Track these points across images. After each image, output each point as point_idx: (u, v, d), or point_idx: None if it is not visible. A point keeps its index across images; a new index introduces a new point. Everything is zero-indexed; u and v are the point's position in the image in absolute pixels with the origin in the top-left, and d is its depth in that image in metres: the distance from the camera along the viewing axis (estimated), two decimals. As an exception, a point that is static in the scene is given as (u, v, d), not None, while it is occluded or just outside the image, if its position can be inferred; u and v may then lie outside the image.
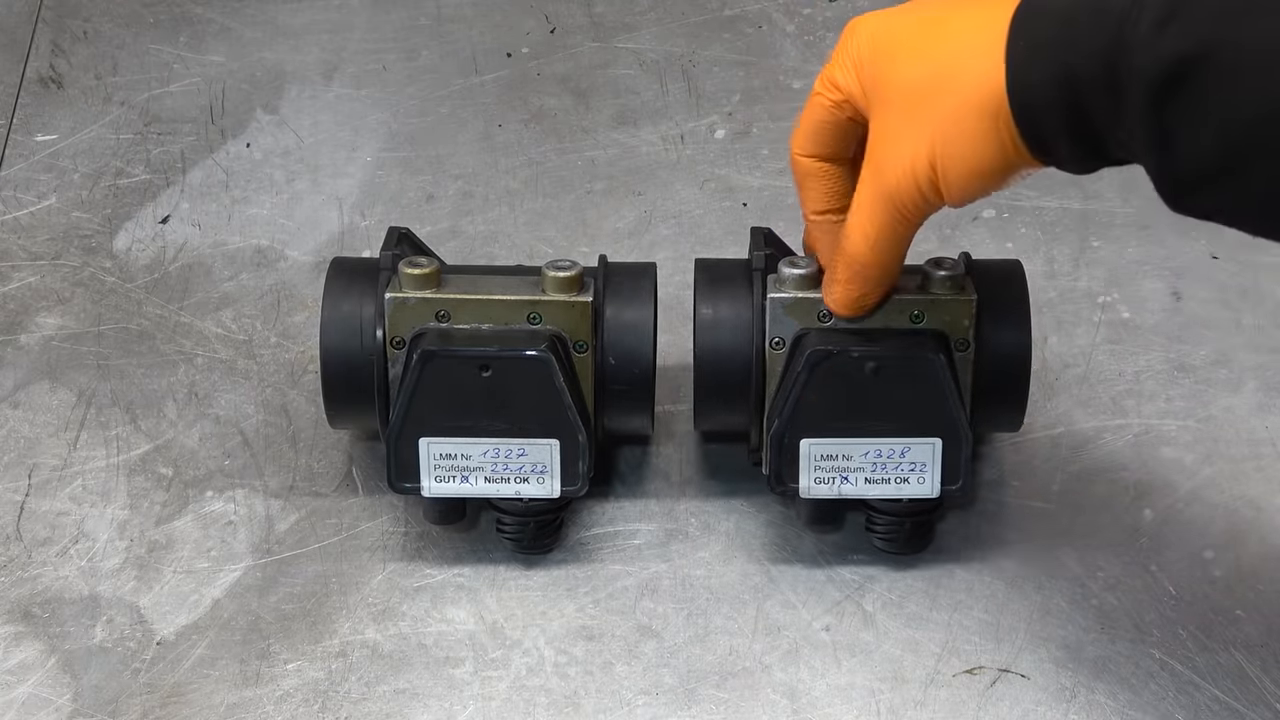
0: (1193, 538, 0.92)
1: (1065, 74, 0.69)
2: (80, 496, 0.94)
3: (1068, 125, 0.70)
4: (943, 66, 0.74)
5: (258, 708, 0.85)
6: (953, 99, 0.73)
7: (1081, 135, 0.70)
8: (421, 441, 0.87)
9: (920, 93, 0.75)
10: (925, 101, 0.74)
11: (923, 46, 0.75)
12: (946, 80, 0.74)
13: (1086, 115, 0.69)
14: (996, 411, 0.90)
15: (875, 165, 0.78)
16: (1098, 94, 0.68)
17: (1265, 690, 0.86)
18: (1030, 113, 0.71)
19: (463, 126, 1.15)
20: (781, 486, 0.88)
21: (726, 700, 0.86)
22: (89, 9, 1.23)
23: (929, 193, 0.76)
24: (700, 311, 0.89)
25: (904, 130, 0.76)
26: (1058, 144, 0.71)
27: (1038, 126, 0.71)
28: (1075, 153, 0.71)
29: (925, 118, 0.74)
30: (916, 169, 0.75)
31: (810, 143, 0.83)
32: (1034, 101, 0.71)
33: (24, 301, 1.04)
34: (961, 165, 0.74)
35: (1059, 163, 0.73)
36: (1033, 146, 0.72)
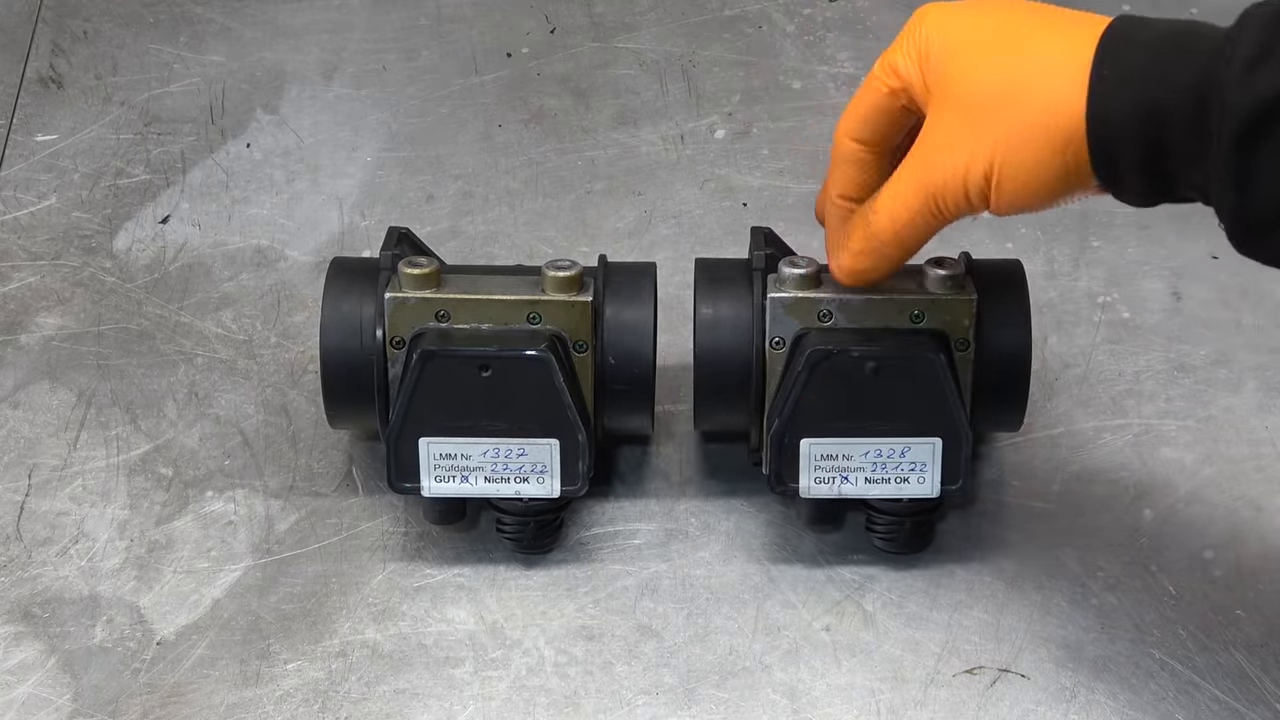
0: (1193, 538, 0.92)
1: (1151, 107, 0.69)
2: (80, 496, 0.94)
3: (1143, 158, 0.70)
4: (1019, 79, 0.73)
5: (258, 708, 0.85)
6: (1025, 114, 0.73)
7: (1155, 170, 0.70)
8: (421, 441, 0.87)
9: (990, 100, 0.74)
10: (994, 110, 0.74)
11: (1000, 54, 0.74)
12: (1021, 94, 0.73)
13: (1165, 150, 0.69)
14: (996, 411, 0.90)
15: (924, 158, 0.77)
16: (1181, 129, 0.68)
17: (1265, 690, 0.86)
18: (1107, 142, 0.71)
19: (463, 126, 1.15)
20: (781, 486, 0.88)
21: (726, 700, 0.86)
22: (89, 9, 1.23)
23: (975, 199, 0.76)
24: (700, 311, 0.89)
25: (964, 132, 0.75)
26: (1128, 176, 0.71)
27: (1113, 156, 0.71)
28: (1143, 187, 0.72)
29: (990, 126, 0.74)
30: (970, 174, 0.75)
31: (859, 126, 0.81)
32: (1113, 132, 0.70)
33: (24, 301, 1.04)
34: (1020, 181, 0.74)
35: (1121, 193, 0.73)
36: (1101, 175, 0.72)
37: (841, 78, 1.17)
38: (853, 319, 0.86)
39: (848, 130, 0.82)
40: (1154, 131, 0.69)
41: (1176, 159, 0.70)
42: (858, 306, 0.86)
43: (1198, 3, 1.21)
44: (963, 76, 0.75)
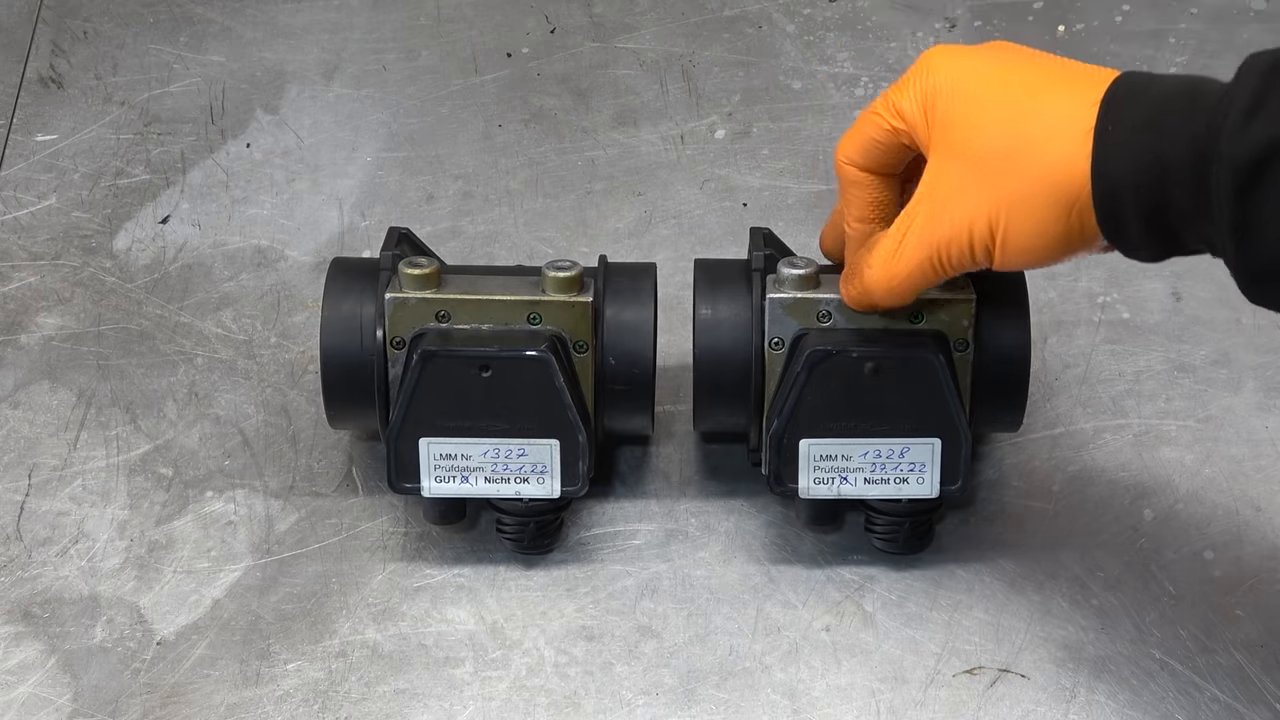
0: (1193, 538, 0.92)
1: (1152, 163, 0.69)
2: (80, 496, 0.94)
3: (1148, 213, 0.70)
4: (1026, 138, 0.73)
5: (258, 708, 0.85)
6: (1030, 173, 0.73)
7: (1160, 225, 0.71)
8: (421, 441, 0.87)
9: (997, 157, 0.74)
10: (1000, 167, 0.74)
11: (1007, 111, 0.74)
12: (1027, 152, 0.73)
13: (1168, 204, 0.70)
14: (996, 411, 0.90)
15: (929, 212, 0.77)
16: (1183, 183, 0.69)
17: (1265, 690, 0.86)
18: (1111, 200, 0.71)
19: (463, 126, 1.15)
20: (781, 487, 0.88)
21: (726, 700, 0.86)
22: (89, 9, 1.22)
23: (979, 255, 0.76)
24: (700, 312, 0.89)
25: (968, 187, 0.75)
26: (1134, 233, 0.71)
27: (1117, 214, 0.71)
28: (1148, 241, 0.72)
29: (996, 183, 0.74)
30: (974, 230, 0.75)
31: (858, 156, 0.82)
32: (1116, 189, 0.71)
33: (24, 301, 1.04)
34: (1025, 240, 0.74)
35: (1128, 250, 0.73)
36: (1107, 231, 0.72)
37: (841, 78, 1.17)
38: (852, 319, 0.86)
39: (849, 158, 0.83)
40: (1157, 187, 0.70)
41: (1179, 214, 0.70)
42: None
43: (1197, 2, 1.21)
44: (968, 129, 0.75)
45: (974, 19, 1.21)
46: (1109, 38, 1.19)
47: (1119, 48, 1.19)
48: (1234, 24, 1.20)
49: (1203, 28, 1.19)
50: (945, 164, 0.76)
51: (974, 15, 1.21)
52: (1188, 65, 1.17)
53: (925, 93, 0.78)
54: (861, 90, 1.16)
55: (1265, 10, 1.21)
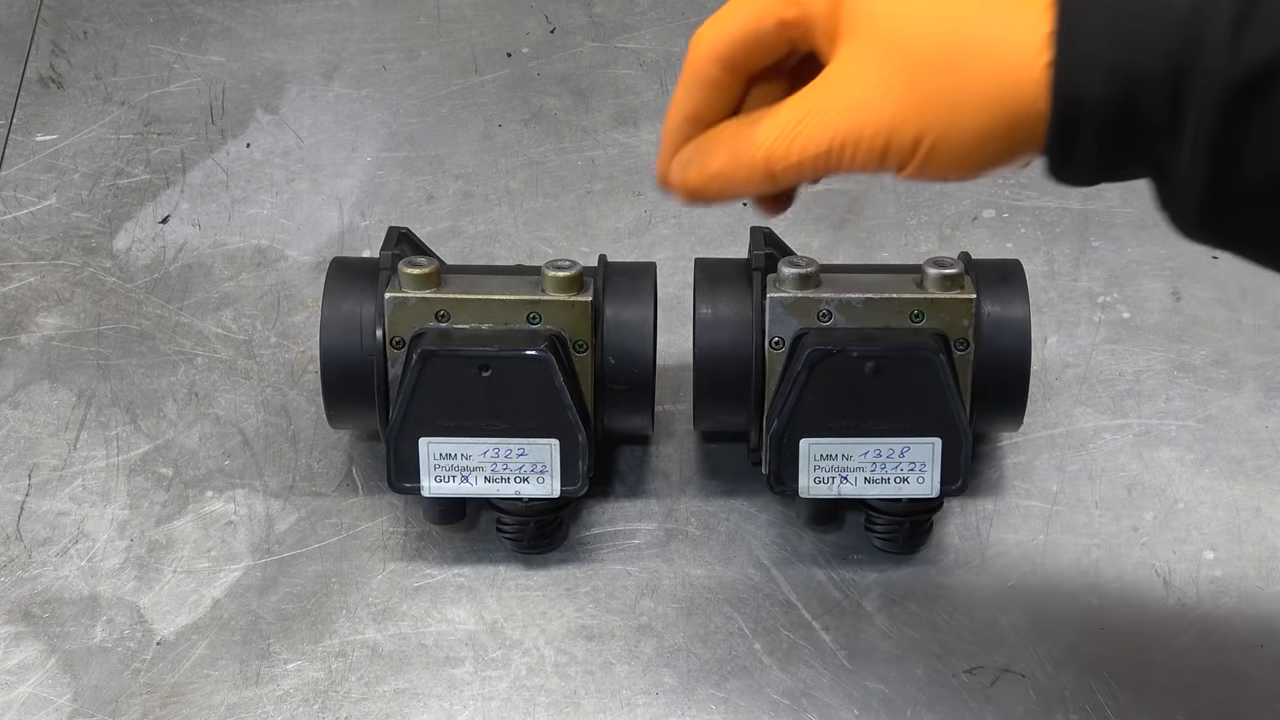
0: (1193, 538, 0.92)
1: (1121, 75, 0.62)
2: (80, 496, 0.94)
3: (1107, 130, 0.64)
4: (969, 38, 0.65)
5: (258, 708, 0.85)
6: (973, 79, 0.65)
7: (1115, 143, 0.64)
8: (421, 441, 0.87)
9: (932, 57, 0.65)
10: (936, 69, 0.65)
11: (948, 8, 0.66)
12: (971, 56, 0.65)
13: (1133, 121, 0.63)
14: (996, 411, 0.90)
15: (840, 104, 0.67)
16: (1155, 99, 0.62)
17: (1265, 690, 0.86)
18: (1072, 114, 0.64)
19: (463, 126, 1.15)
20: (781, 486, 0.88)
21: (726, 700, 0.86)
22: (89, 9, 1.23)
23: (890, 159, 0.67)
24: (700, 311, 0.89)
25: (892, 85, 0.66)
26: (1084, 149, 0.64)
27: (1073, 129, 0.64)
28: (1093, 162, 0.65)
29: (929, 85, 0.65)
30: (895, 134, 0.66)
31: (731, 50, 0.70)
32: (1080, 102, 0.63)
33: (24, 301, 1.04)
34: (956, 151, 0.66)
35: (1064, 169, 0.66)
36: (1054, 147, 0.65)
37: (841, 78, 1.17)
38: (852, 319, 0.86)
39: (716, 53, 0.71)
40: (1124, 102, 0.63)
41: (1141, 131, 0.63)
42: (857, 306, 0.86)
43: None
44: (897, 21, 0.66)
45: (974, 19, 1.20)
46: (1109, 38, 1.19)
47: (1119, 48, 1.18)
48: (1234, 24, 1.20)
49: (1203, 28, 1.19)
50: (863, 53, 0.66)
51: (974, 15, 1.21)
52: (1188, 65, 1.17)
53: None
54: (861, 90, 1.16)
55: (1265, 10, 1.21)
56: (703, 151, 0.71)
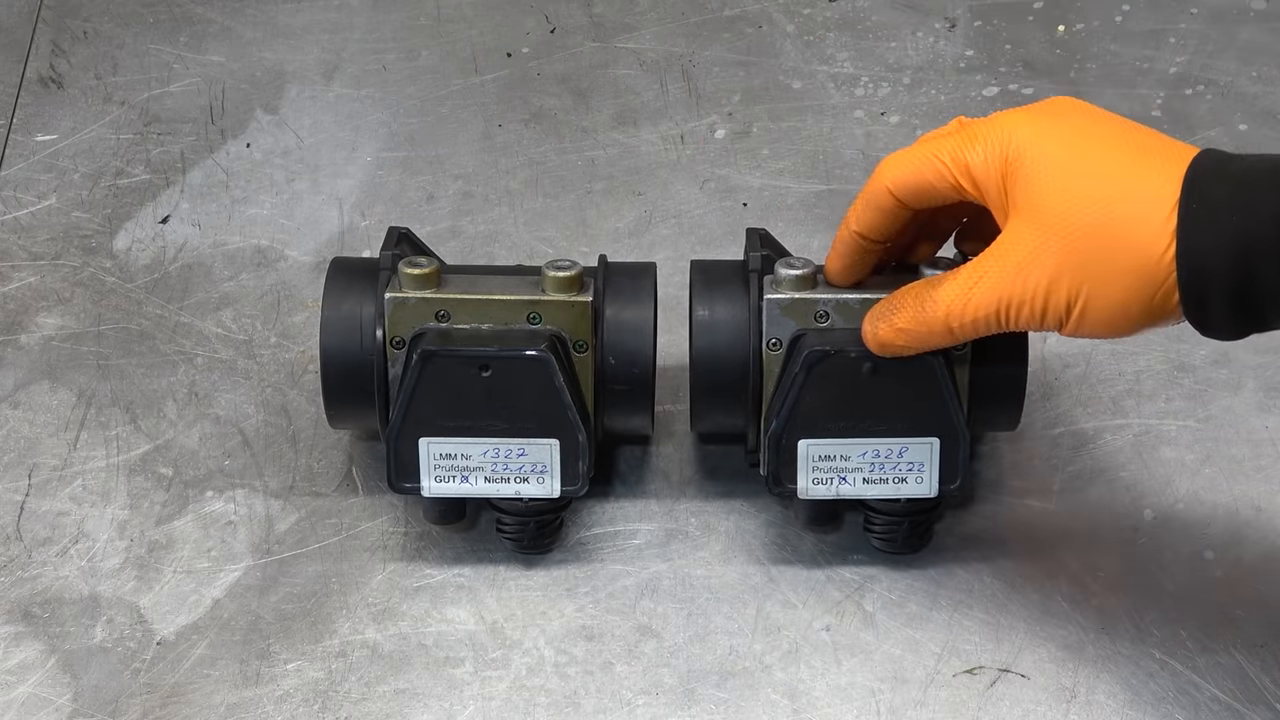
0: (1193, 538, 0.92)
1: (1239, 240, 0.70)
2: (80, 496, 0.94)
3: (1232, 292, 0.71)
4: (1114, 214, 0.74)
5: (258, 708, 0.85)
6: (1117, 252, 0.74)
7: (1244, 303, 0.72)
8: (421, 441, 0.87)
9: (1083, 231, 0.75)
10: (1086, 243, 0.75)
11: (1095, 185, 0.75)
12: (1115, 230, 0.74)
13: (1254, 282, 0.71)
14: (994, 411, 0.90)
15: (1005, 270, 0.77)
16: (1271, 260, 0.69)
17: (1265, 690, 0.86)
18: (1197, 280, 0.72)
19: (463, 126, 1.15)
20: (779, 487, 0.88)
21: (726, 700, 0.86)
22: (89, 9, 1.23)
23: (1050, 320, 0.77)
24: (696, 313, 0.89)
25: (1049, 254, 0.76)
26: (1217, 311, 0.73)
27: (1202, 293, 0.72)
28: (1231, 319, 0.73)
29: (1081, 257, 0.75)
30: (1052, 298, 0.76)
31: (904, 191, 0.82)
32: (1203, 269, 0.72)
33: (24, 301, 1.04)
34: (1103, 314, 0.75)
35: (1208, 328, 0.74)
36: (1189, 310, 0.73)
37: (841, 78, 1.17)
38: (850, 320, 0.86)
39: (895, 188, 0.82)
40: (1242, 265, 0.71)
41: (1266, 291, 0.71)
42: (855, 307, 0.86)
43: (1198, 2, 1.21)
44: (1051, 200, 0.76)
45: (974, 19, 1.21)
46: (1109, 38, 1.19)
47: (1119, 48, 1.19)
48: (1234, 24, 1.20)
49: (1202, 28, 1.20)
50: (1026, 228, 0.76)
51: (974, 15, 1.21)
52: (1188, 65, 1.17)
53: (1002, 158, 0.78)
54: (861, 90, 1.16)
55: (1265, 10, 1.21)
56: (891, 309, 0.83)
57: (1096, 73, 1.17)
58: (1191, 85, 1.16)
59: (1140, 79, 1.17)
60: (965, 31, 1.20)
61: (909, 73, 1.17)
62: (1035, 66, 1.18)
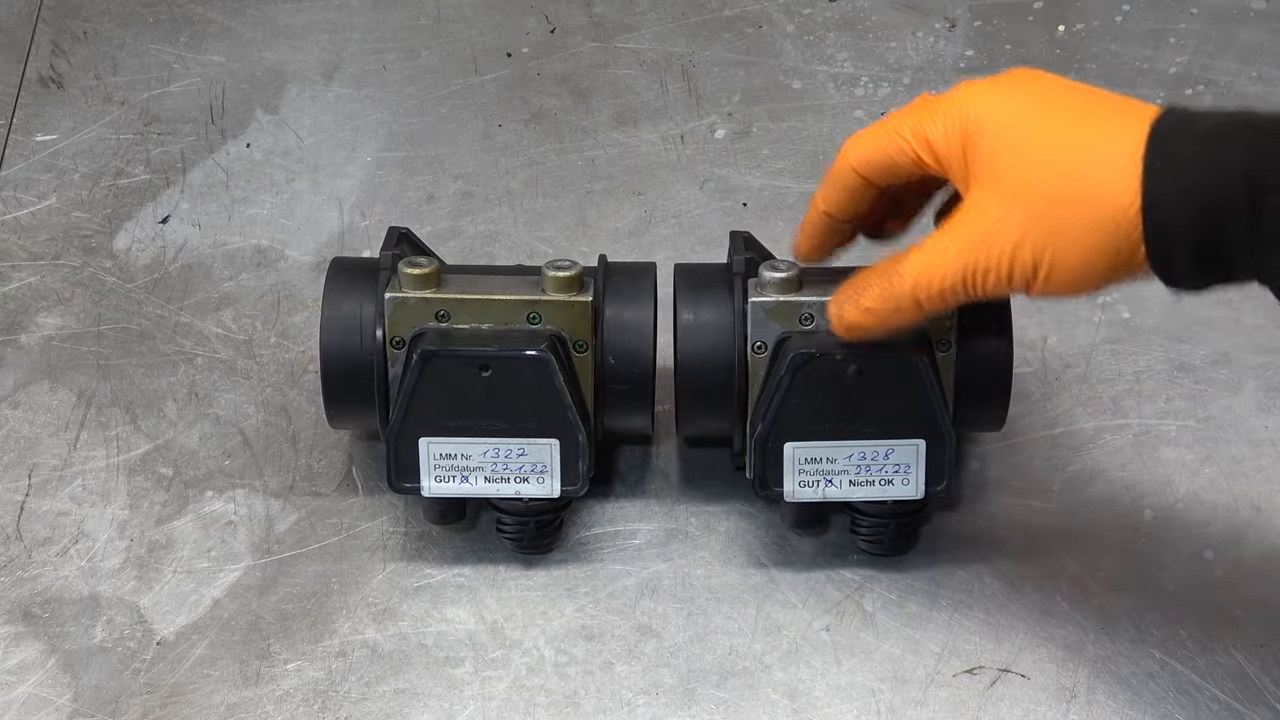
0: (1193, 538, 0.92)
1: (1206, 195, 0.70)
2: (80, 496, 0.94)
3: (1199, 245, 0.71)
4: (1072, 174, 0.74)
5: (258, 708, 0.85)
6: (1080, 210, 0.74)
7: (1210, 256, 0.71)
8: (421, 441, 0.87)
9: (1044, 194, 0.75)
10: (1048, 204, 0.74)
11: (1053, 147, 0.75)
12: (1075, 189, 0.74)
13: (1221, 236, 0.70)
14: (979, 411, 0.90)
15: (969, 238, 0.77)
16: (1238, 214, 0.69)
17: (1265, 690, 0.86)
18: (1163, 233, 0.72)
19: (463, 126, 1.15)
20: (766, 490, 0.87)
21: (726, 700, 0.86)
22: (89, 9, 1.23)
23: (1018, 283, 0.77)
24: (681, 317, 0.89)
25: (1014, 221, 0.75)
26: (1181, 263, 0.72)
27: (1168, 246, 0.72)
28: (1197, 272, 0.72)
29: (1044, 218, 0.75)
30: (1017, 261, 0.76)
31: (868, 169, 0.82)
32: (1168, 222, 0.71)
33: (24, 301, 1.04)
34: (1071, 271, 0.75)
35: (1173, 281, 0.74)
36: (1156, 264, 0.73)
37: (841, 78, 1.17)
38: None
39: (859, 165, 0.82)
40: (1209, 220, 0.70)
41: (1233, 245, 0.70)
42: None
43: (1197, 2, 1.21)
44: (1014, 167, 0.76)
45: (974, 19, 1.21)
46: (1109, 38, 1.19)
47: (1119, 48, 1.19)
48: (1234, 24, 1.20)
49: (1202, 28, 1.19)
50: (987, 197, 0.76)
51: (974, 15, 1.21)
52: (1188, 65, 1.17)
53: (962, 129, 0.78)
54: (861, 90, 1.16)
55: (1265, 10, 1.21)
56: (856, 290, 0.82)
57: (1096, 73, 1.17)
58: (1191, 85, 1.16)
59: (1140, 79, 1.17)
60: (965, 31, 1.20)
61: (909, 73, 1.17)
62: (1035, 66, 1.18)
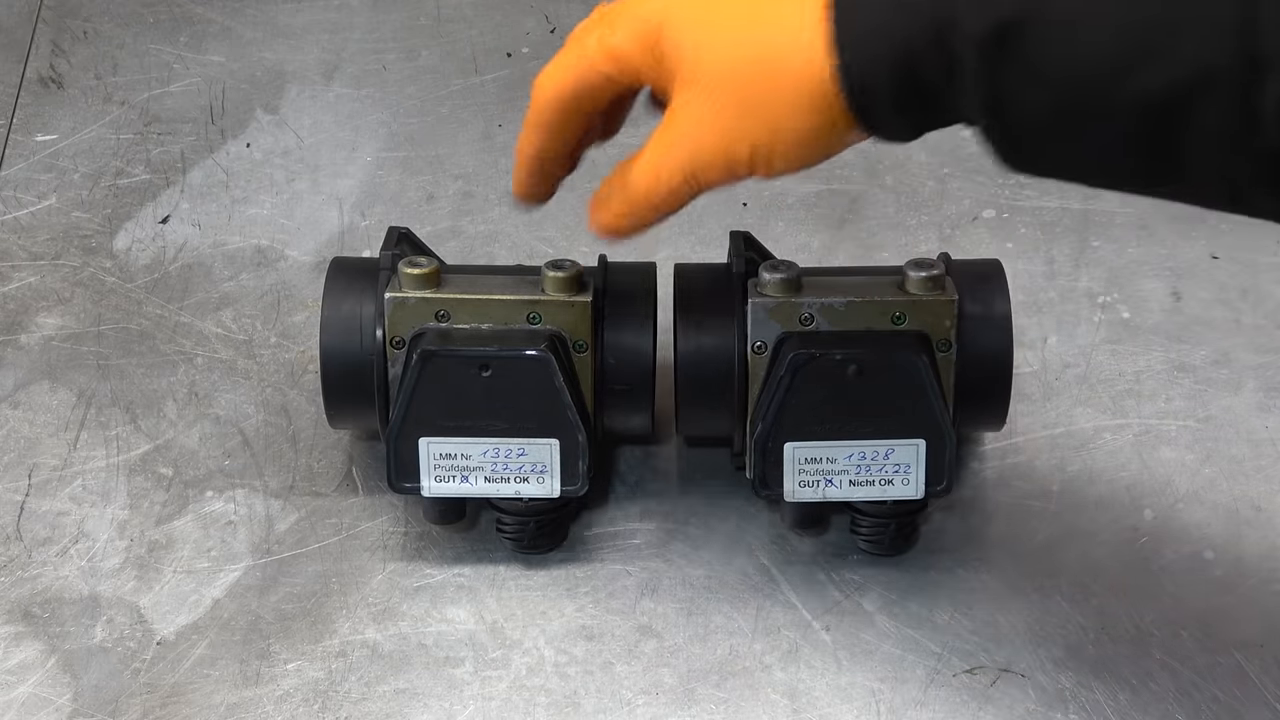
0: (1193, 538, 0.92)
1: (894, 46, 0.69)
2: (80, 496, 0.94)
3: (899, 99, 0.70)
4: (762, 51, 0.72)
5: (258, 708, 0.85)
6: (777, 86, 0.72)
7: (911, 105, 0.70)
8: (421, 441, 0.87)
9: (738, 78, 0.73)
10: (744, 87, 0.73)
11: (738, 28, 0.73)
12: (767, 65, 0.72)
13: (916, 84, 0.69)
14: (979, 411, 0.90)
15: (682, 137, 0.75)
16: (928, 61, 0.68)
17: (1265, 690, 0.86)
18: (862, 93, 0.70)
19: (463, 126, 1.15)
20: (766, 490, 0.87)
21: (726, 700, 0.86)
22: (89, 9, 1.23)
23: (741, 172, 0.75)
24: (682, 316, 0.89)
25: (718, 112, 0.74)
26: (887, 116, 0.71)
27: (868, 103, 0.71)
28: (904, 124, 0.71)
29: (744, 103, 0.73)
30: (733, 152, 0.74)
31: (567, 100, 0.79)
32: (864, 80, 0.70)
33: (24, 301, 1.04)
34: (788, 150, 0.73)
35: (887, 135, 0.73)
36: (863, 123, 0.71)
37: (841, 78, 1.17)
38: (834, 322, 0.86)
39: (553, 101, 0.80)
40: (902, 70, 0.69)
41: (929, 91, 0.69)
42: (839, 309, 0.86)
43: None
44: (704, 57, 0.74)
45: (974, 19, 1.20)
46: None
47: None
48: (1234, 24, 1.19)
49: (1203, 28, 1.19)
50: (689, 92, 0.74)
51: (974, 15, 1.21)
52: (1188, 65, 1.17)
53: (644, 30, 0.76)
54: (861, 90, 1.16)
55: (1265, 10, 1.21)
56: (604, 197, 0.82)
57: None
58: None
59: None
60: (965, 31, 1.20)
61: (909, 73, 1.17)
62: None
